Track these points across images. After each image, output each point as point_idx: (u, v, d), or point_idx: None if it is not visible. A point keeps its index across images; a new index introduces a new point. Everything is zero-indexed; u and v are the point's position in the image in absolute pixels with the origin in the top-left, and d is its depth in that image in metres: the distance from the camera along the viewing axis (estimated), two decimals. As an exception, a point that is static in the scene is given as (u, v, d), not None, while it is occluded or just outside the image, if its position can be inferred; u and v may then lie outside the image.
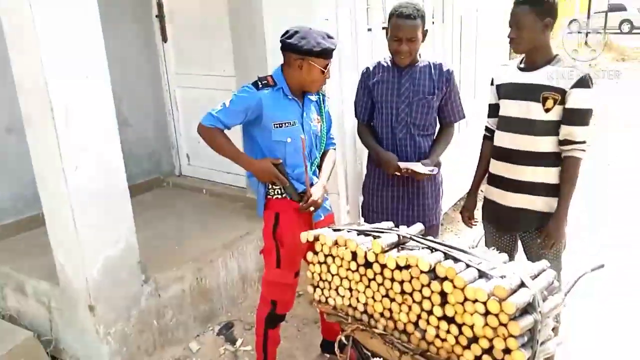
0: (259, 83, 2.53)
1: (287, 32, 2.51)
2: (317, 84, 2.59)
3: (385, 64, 2.96)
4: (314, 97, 2.70)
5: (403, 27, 2.75)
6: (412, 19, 2.73)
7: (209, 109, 2.51)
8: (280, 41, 2.52)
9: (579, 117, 2.48)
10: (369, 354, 2.25)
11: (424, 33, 2.83)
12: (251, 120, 2.54)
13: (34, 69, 2.46)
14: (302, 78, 2.54)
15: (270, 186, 2.63)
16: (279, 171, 2.54)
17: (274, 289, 2.75)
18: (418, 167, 2.79)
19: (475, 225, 2.98)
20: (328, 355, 3.17)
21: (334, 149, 2.89)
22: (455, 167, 4.31)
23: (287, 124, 2.55)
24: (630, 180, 5.98)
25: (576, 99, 2.45)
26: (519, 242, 2.84)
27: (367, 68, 3.05)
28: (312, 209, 2.61)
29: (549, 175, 2.58)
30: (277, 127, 2.54)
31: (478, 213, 2.97)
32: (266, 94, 2.51)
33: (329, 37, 2.53)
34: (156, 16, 4.61)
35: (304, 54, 2.46)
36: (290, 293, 2.80)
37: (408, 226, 2.20)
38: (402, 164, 2.80)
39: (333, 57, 2.56)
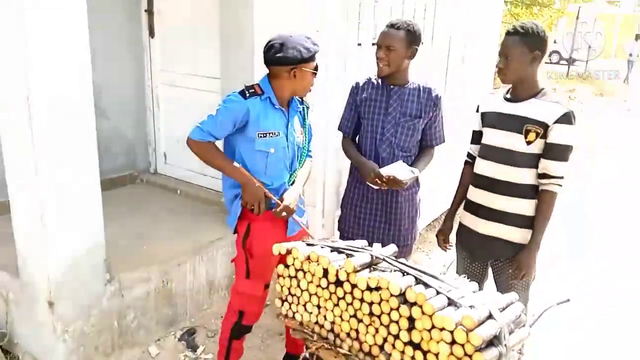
0: (246, 92, 2.48)
1: (270, 46, 2.46)
2: (309, 86, 2.58)
3: (375, 82, 2.96)
4: (298, 108, 2.67)
5: (385, 35, 2.81)
6: (395, 29, 2.78)
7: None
8: (266, 57, 2.48)
9: (559, 152, 2.49)
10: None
11: (412, 51, 2.82)
12: (237, 129, 2.50)
13: (14, 55, 2.39)
14: (295, 86, 2.52)
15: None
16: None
17: (242, 300, 2.70)
18: (398, 170, 2.75)
19: (450, 249, 2.97)
20: (290, 370, 3.12)
21: (310, 160, 2.86)
22: (432, 188, 4.32)
23: (271, 134, 2.51)
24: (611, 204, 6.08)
25: (558, 134, 2.47)
26: (490, 270, 2.84)
27: (357, 83, 3.04)
28: (284, 214, 2.54)
29: (524, 206, 2.60)
30: (261, 136, 2.49)
31: (453, 237, 2.97)
32: (253, 103, 2.47)
33: (308, 37, 2.51)
34: (145, 11, 4.54)
35: (297, 63, 2.44)
36: (258, 305, 2.75)
37: (383, 244, 2.19)
38: (384, 170, 2.76)
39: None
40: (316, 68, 2.53)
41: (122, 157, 4.67)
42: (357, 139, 3.07)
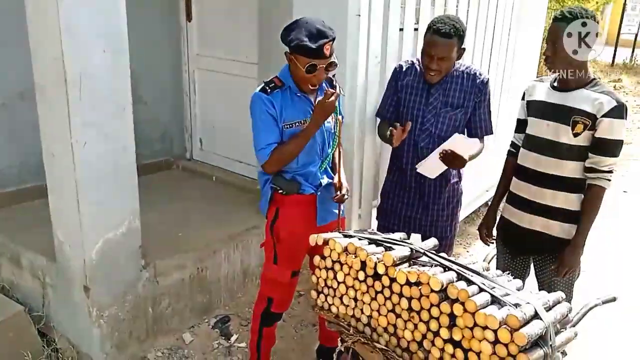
0: (267, 87, 2.42)
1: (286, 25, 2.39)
2: (305, 83, 2.41)
3: (419, 68, 2.84)
4: None
5: (436, 45, 2.61)
6: (447, 37, 2.57)
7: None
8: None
9: (608, 146, 2.38)
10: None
11: (461, 51, 2.69)
12: None
13: (52, 37, 2.37)
14: (293, 74, 2.42)
15: (275, 185, 2.54)
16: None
17: (271, 286, 2.68)
18: (457, 143, 2.58)
19: (492, 243, 2.88)
20: (323, 362, 3.09)
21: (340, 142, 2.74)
22: (472, 179, 4.21)
23: (297, 124, 2.45)
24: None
25: (607, 128, 2.35)
26: (532, 266, 2.75)
27: (400, 66, 2.92)
28: (345, 196, 2.54)
29: (569, 201, 2.50)
30: (287, 127, 2.43)
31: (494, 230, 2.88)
32: (275, 96, 2.41)
33: (321, 34, 2.29)
34: (182, -6, 4.52)
35: (289, 47, 2.35)
36: (286, 292, 2.72)
37: (421, 234, 2.12)
38: (442, 145, 2.62)
39: (329, 57, 2.35)
40: (310, 69, 2.33)
41: (158, 143, 4.68)
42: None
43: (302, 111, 2.47)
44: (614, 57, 15.76)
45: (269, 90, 2.41)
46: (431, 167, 2.71)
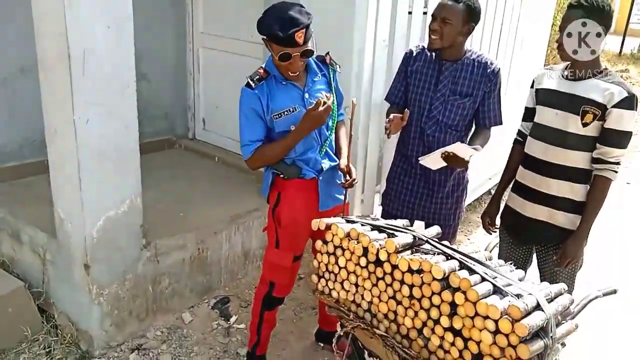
0: (251, 82, 2.37)
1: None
2: (284, 70, 2.36)
3: (428, 54, 2.79)
4: (317, 77, 2.52)
5: (442, 5, 2.62)
6: (454, 1, 2.58)
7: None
8: None
9: (617, 138, 2.35)
10: (365, 351, 2.16)
11: (469, 28, 2.65)
12: None
13: (55, 12, 2.34)
14: (274, 61, 2.38)
15: (276, 169, 2.52)
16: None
17: (273, 271, 2.67)
18: (459, 148, 2.54)
19: (495, 232, 2.86)
20: (322, 345, 3.09)
21: (343, 122, 2.73)
22: (475, 166, 4.18)
23: (287, 112, 2.41)
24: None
25: (616, 119, 2.32)
26: (534, 256, 2.74)
27: (411, 51, 2.87)
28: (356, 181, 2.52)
29: (574, 191, 2.48)
30: (277, 117, 2.39)
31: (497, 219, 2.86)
32: (260, 89, 2.37)
33: (293, 21, 2.22)
34: (188, -28, 4.47)
35: (262, 34, 2.31)
36: (288, 277, 2.70)
37: (425, 221, 2.11)
38: (444, 148, 2.57)
39: (303, 45, 2.28)
40: (284, 57, 2.28)
41: (161, 121, 4.65)
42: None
43: (290, 99, 2.43)
44: (621, 47, 15.60)
45: (253, 85, 2.37)
46: (433, 162, 2.68)
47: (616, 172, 2.40)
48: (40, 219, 3.02)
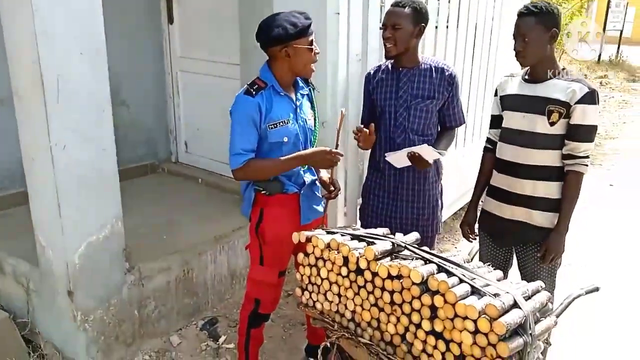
0: (251, 90, 2.39)
1: (259, 28, 2.38)
2: (309, 65, 2.45)
3: (385, 66, 2.88)
4: (304, 91, 2.59)
5: (389, 13, 2.73)
6: (400, 7, 2.69)
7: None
8: (258, 40, 2.40)
9: (584, 132, 2.44)
10: (352, 362, 2.17)
11: (419, 29, 2.73)
12: None
13: (27, 41, 2.35)
14: (293, 66, 2.42)
15: (258, 186, 2.54)
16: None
17: (258, 287, 2.67)
18: (423, 150, 2.63)
19: (475, 239, 2.89)
20: (312, 360, 3.08)
21: None
22: (459, 175, 4.23)
23: (281, 123, 2.43)
24: (632, 201, 5.89)
25: (581, 115, 2.41)
26: (514, 257, 2.77)
27: (369, 72, 2.98)
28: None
29: (550, 189, 2.54)
30: (272, 128, 2.41)
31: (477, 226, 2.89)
32: (261, 97, 2.39)
33: (300, 13, 2.39)
34: (163, -3, 4.51)
35: (286, 40, 2.34)
36: (274, 293, 2.70)
37: (403, 234, 2.12)
38: (409, 149, 2.66)
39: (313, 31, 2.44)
40: (311, 43, 2.41)
41: (142, 147, 4.66)
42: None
43: (285, 110, 2.47)
44: (600, 54, 15.87)
45: (254, 93, 2.38)
46: (398, 159, 2.73)
47: (586, 165, 2.48)
48: (23, 249, 3.00)
